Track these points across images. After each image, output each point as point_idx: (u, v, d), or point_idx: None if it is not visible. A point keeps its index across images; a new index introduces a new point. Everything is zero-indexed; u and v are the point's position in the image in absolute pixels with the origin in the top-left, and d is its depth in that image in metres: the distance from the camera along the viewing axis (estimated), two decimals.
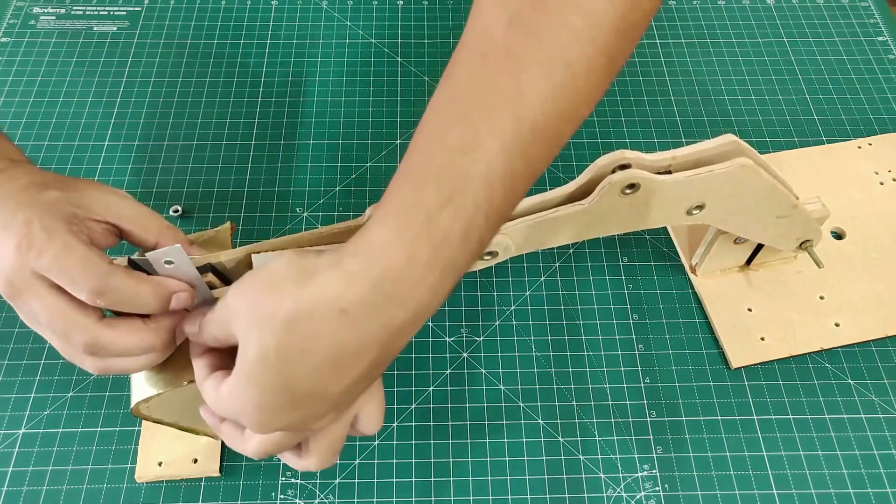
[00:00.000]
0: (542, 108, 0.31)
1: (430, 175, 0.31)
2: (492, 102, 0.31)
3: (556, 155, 0.33)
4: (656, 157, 0.42)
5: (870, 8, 0.74)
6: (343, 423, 0.36)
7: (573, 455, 0.49)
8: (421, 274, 0.30)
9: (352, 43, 0.70)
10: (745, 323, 0.54)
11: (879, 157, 0.62)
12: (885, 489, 0.48)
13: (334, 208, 0.60)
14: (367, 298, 0.30)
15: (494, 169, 0.30)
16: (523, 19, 0.31)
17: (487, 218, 0.31)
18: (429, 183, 0.30)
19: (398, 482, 0.48)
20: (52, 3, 0.73)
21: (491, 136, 0.30)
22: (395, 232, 0.30)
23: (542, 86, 0.31)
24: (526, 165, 0.31)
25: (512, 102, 0.31)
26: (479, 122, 0.31)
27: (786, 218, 0.48)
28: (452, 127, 0.31)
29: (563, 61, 0.31)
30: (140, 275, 0.37)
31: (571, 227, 0.43)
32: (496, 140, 0.30)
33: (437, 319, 0.54)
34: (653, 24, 0.73)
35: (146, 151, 0.63)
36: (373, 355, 0.31)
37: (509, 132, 0.30)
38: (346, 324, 0.30)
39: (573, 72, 0.31)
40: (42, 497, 0.47)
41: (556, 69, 0.31)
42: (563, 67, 0.31)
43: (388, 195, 0.32)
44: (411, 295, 0.30)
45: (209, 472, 0.47)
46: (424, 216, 0.30)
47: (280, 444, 0.36)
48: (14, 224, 0.35)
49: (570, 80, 0.31)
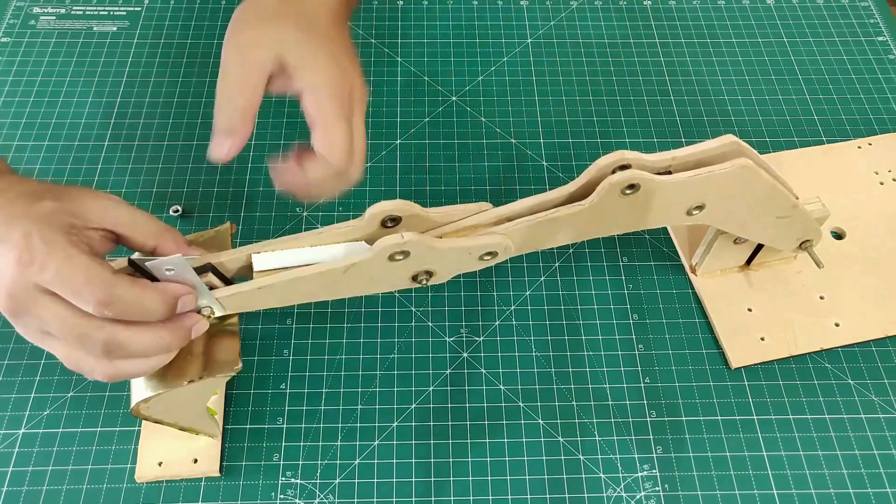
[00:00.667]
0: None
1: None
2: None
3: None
4: (656, 158, 0.42)
5: (870, 8, 0.74)
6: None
7: (573, 455, 0.49)
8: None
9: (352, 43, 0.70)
10: (745, 323, 0.54)
11: (879, 157, 0.62)
12: (885, 489, 0.48)
13: (334, 208, 0.60)
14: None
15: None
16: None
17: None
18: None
19: (398, 482, 0.48)
20: (52, 3, 0.73)
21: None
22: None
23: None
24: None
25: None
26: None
27: (786, 218, 0.48)
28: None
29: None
30: (144, 282, 0.36)
31: (571, 227, 0.43)
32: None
33: (437, 319, 0.54)
34: (653, 24, 0.73)
35: (146, 151, 0.63)
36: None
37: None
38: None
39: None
40: (42, 497, 0.47)
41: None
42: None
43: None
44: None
45: (209, 473, 0.47)
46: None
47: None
48: (12, 237, 0.34)
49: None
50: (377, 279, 0.41)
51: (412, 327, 0.54)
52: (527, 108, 0.66)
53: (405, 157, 0.62)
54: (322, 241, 0.41)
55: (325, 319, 0.54)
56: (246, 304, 0.41)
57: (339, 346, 0.53)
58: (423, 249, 0.39)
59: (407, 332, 0.54)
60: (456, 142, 0.64)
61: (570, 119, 0.65)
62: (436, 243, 0.40)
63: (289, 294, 0.41)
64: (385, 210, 0.39)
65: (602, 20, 0.73)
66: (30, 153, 0.62)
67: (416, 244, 0.39)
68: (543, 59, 0.70)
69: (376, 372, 0.52)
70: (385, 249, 0.38)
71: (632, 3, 0.74)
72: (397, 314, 0.55)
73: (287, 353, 0.53)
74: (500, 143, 0.64)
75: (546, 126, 0.65)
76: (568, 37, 0.72)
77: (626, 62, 0.70)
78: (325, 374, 0.52)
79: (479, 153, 0.63)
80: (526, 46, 0.71)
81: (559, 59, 0.70)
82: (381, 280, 0.41)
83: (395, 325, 0.54)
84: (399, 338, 0.54)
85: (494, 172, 0.62)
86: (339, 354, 0.53)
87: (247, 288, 0.39)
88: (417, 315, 0.55)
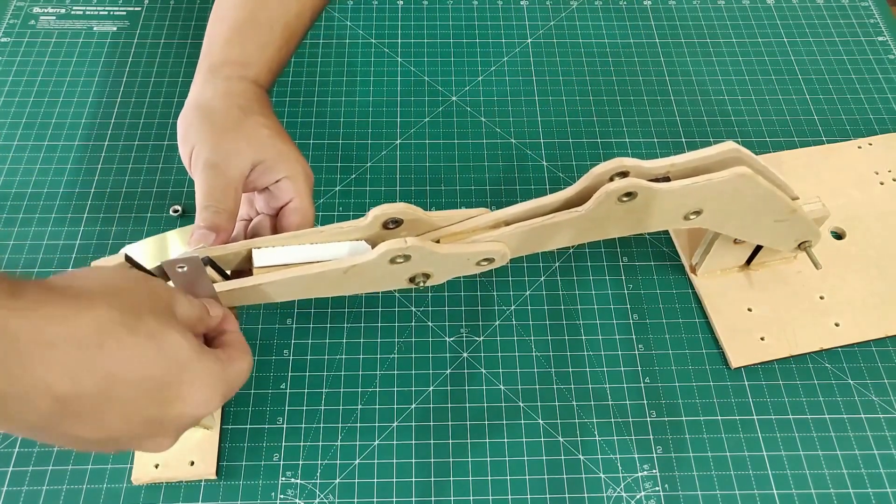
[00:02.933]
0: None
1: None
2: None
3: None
4: (654, 165, 0.41)
5: (870, 8, 0.74)
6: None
7: (573, 455, 0.49)
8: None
9: (352, 43, 0.70)
10: (744, 323, 0.54)
11: (879, 157, 0.62)
12: (885, 489, 0.48)
13: (334, 208, 0.60)
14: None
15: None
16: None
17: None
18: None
19: (398, 482, 0.48)
20: (52, 3, 0.73)
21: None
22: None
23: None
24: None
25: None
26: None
27: (784, 221, 0.48)
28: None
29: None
30: (195, 301, 0.37)
31: (568, 231, 0.43)
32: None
33: (437, 319, 0.54)
34: (653, 24, 0.73)
35: (146, 151, 0.63)
36: None
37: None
38: None
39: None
40: (42, 497, 0.47)
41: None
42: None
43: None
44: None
45: (206, 475, 0.47)
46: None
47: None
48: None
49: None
50: (376, 279, 0.41)
51: (412, 327, 0.54)
52: (527, 108, 0.66)
53: (405, 157, 0.62)
54: (323, 240, 0.41)
55: (325, 319, 0.54)
56: (244, 299, 0.41)
57: (339, 346, 0.53)
58: (423, 254, 0.40)
59: (407, 332, 0.54)
60: (456, 142, 0.64)
61: (570, 119, 0.65)
62: (436, 248, 0.40)
63: (287, 290, 0.41)
64: (387, 212, 0.40)
65: (602, 20, 0.73)
66: (30, 153, 0.62)
67: (418, 249, 0.39)
68: (543, 59, 0.70)
69: (376, 372, 0.52)
70: (388, 253, 0.39)
71: (632, 3, 0.74)
72: (397, 314, 0.55)
73: (287, 353, 0.53)
74: (500, 143, 0.64)
75: (546, 126, 0.65)
76: (568, 37, 0.72)
77: (626, 62, 0.70)
78: (325, 374, 0.52)
79: (479, 153, 0.63)
80: (526, 46, 0.71)
81: (559, 59, 0.70)
82: (379, 280, 0.42)
83: (395, 325, 0.54)
84: (399, 338, 0.54)
85: (494, 172, 0.62)
86: (339, 354, 0.53)
87: (248, 283, 0.40)
88: (417, 315, 0.55)
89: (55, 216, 0.59)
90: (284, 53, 0.52)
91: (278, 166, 0.46)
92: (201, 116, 0.46)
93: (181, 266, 0.37)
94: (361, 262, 0.39)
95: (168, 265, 0.37)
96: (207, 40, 0.50)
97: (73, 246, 0.57)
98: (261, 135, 0.45)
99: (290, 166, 0.46)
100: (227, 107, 0.46)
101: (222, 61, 0.49)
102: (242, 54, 0.49)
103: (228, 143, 0.44)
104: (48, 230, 0.58)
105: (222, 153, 0.44)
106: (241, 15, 0.50)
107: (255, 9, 0.50)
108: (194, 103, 0.47)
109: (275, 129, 0.47)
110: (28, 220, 0.58)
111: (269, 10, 0.51)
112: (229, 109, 0.46)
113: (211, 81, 0.48)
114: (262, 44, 0.50)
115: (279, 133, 0.47)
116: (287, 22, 0.51)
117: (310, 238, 0.41)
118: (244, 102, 0.47)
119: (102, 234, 0.58)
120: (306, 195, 0.46)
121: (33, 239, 0.57)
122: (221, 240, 0.42)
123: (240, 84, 0.48)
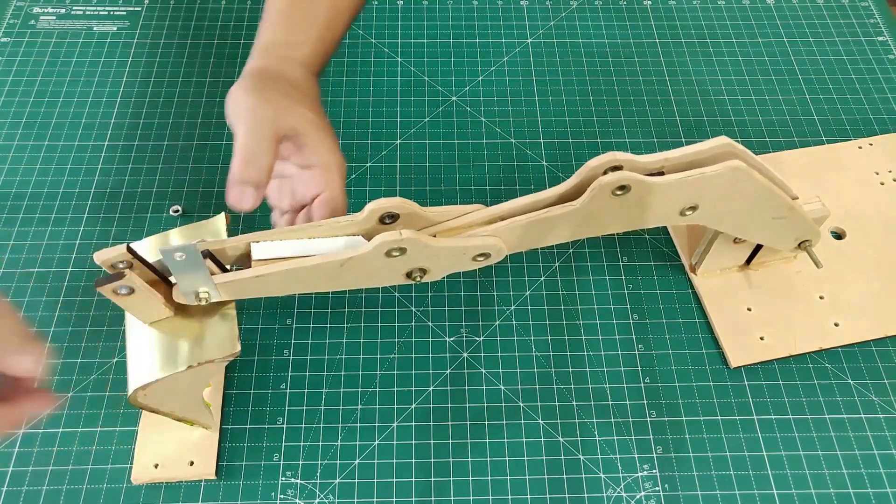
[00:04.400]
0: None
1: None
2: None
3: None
4: (648, 159, 0.42)
5: (870, 8, 0.74)
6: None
7: (573, 455, 0.49)
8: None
9: (352, 43, 0.70)
10: (744, 322, 0.54)
11: (879, 157, 0.62)
12: (885, 489, 0.48)
13: None
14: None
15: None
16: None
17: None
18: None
19: (398, 482, 0.48)
20: (52, 3, 0.73)
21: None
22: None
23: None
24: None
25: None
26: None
27: (782, 219, 0.48)
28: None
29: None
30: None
31: (564, 226, 0.43)
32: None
33: (437, 319, 0.54)
34: (653, 24, 0.73)
35: (146, 151, 0.63)
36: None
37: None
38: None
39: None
40: (42, 497, 0.47)
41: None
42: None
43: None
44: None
45: (205, 475, 0.47)
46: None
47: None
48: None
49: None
50: (373, 273, 0.42)
51: (412, 327, 0.54)
52: (527, 108, 0.66)
53: (405, 157, 0.62)
54: (320, 234, 0.41)
55: (325, 319, 0.54)
56: (243, 291, 0.41)
57: (339, 346, 0.53)
58: (419, 247, 0.40)
59: (407, 332, 0.54)
60: (456, 142, 0.64)
61: (570, 119, 0.65)
62: (431, 242, 0.40)
63: (285, 283, 0.41)
64: (383, 207, 0.40)
65: (602, 20, 0.73)
66: (30, 153, 0.62)
67: (413, 241, 0.39)
68: (543, 59, 0.70)
69: (376, 372, 0.52)
70: (383, 245, 0.39)
71: (632, 3, 0.74)
72: (397, 314, 0.55)
73: (287, 353, 0.53)
74: (500, 143, 0.64)
75: (546, 126, 0.65)
76: (568, 37, 0.72)
77: (626, 62, 0.70)
78: (325, 374, 0.52)
79: (479, 153, 0.63)
80: (526, 46, 0.71)
81: (559, 59, 0.70)
82: (376, 274, 0.42)
83: (395, 325, 0.54)
84: (399, 338, 0.54)
85: (494, 172, 0.62)
86: (339, 354, 0.53)
87: (245, 275, 0.40)
88: (417, 315, 0.55)
89: (55, 216, 0.59)
90: (332, 33, 0.52)
91: (314, 148, 0.46)
92: (252, 83, 0.46)
93: (179, 255, 0.38)
94: (357, 255, 0.40)
95: (166, 254, 0.38)
96: (260, 24, 0.52)
97: (73, 246, 0.57)
98: (304, 112, 0.46)
99: (324, 155, 0.46)
100: (276, 79, 0.47)
101: (272, 42, 0.50)
102: (289, 35, 0.50)
103: (275, 101, 0.45)
104: (48, 230, 0.58)
105: (272, 109, 0.45)
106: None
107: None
108: (246, 74, 0.48)
109: (318, 114, 0.47)
110: (28, 220, 0.59)
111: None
112: (277, 81, 0.47)
113: (262, 59, 0.49)
114: (308, 24, 0.51)
115: (322, 118, 0.47)
116: (333, 1, 0.52)
117: (308, 232, 0.41)
118: (292, 84, 0.48)
119: (102, 234, 0.58)
120: (339, 186, 0.47)
121: (33, 239, 0.57)
122: (261, 195, 0.44)
123: (289, 65, 0.49)
